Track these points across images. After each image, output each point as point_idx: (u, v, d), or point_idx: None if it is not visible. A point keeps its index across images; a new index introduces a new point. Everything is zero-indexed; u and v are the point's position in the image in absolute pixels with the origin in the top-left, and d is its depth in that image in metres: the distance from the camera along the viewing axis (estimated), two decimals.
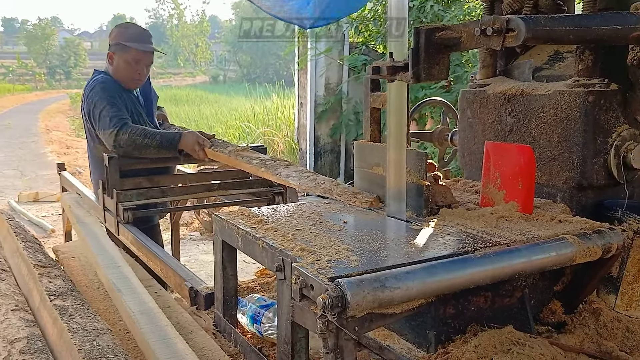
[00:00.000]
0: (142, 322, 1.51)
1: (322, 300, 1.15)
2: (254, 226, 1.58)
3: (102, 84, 2.93)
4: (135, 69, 2.97)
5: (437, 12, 6.19)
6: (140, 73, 3.00)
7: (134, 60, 2.96)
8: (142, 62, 2.99)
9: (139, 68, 2.98)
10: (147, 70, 3.06)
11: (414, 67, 1.47)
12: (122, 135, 2.69)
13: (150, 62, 3.07)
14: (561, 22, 1.42)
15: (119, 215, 2.48)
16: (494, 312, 1.54)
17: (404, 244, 1.45)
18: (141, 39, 3.02)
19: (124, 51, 2.95)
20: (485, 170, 1.71)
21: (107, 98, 2.84)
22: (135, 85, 3.06)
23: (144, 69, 3.02)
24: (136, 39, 2.99)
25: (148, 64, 3.06)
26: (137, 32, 3.07)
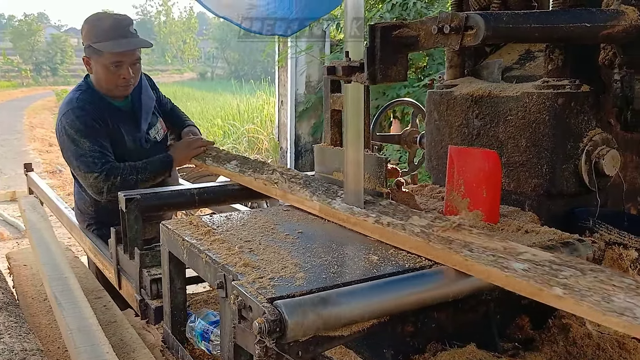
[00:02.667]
0: (77, 340, 1.41)
1: (258, 325, 1.04)
2: (200, 238, 1.47)
3: (79, 109, 2.40)
4: (117, 73, 2.42)
5: (420, 10, 6.10)
6: (126, 77, 2.44)
7: (113, 64, 2.40)
8: (123, 63, 2.42)
9: (122, 72, 2.42)
10: (134, 70, 2.47)
11: (370, 68, 1.36)
12: (113, 179, 2.25)
13: (136, 59, 2.47)
14: (526, 19, 1.32)
15: (143, 287, 1.82)
16: (456, 328, 1.44)
17: (359, 258, 1.35)
18: (117, 33, 2.41)
19: (98, 55, 2.41)
20: (449, 176, 1.61)
21: (84, 130, 2.34)
22: (123, 92, 2.50)
23: (128, 70, 2.43)
24: (110, 36, 2.40)
25: (133, 62, 2.46)
26: (110, 25, 2.43)
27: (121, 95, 2.51)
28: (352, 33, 1.51)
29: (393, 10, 6.20)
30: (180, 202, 1.98)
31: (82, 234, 2.52)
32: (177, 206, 1.97)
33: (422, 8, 6.08)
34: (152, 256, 1.82)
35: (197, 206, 1.99)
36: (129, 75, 2.43)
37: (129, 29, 2.46)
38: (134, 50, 2.45)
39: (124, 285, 2.00)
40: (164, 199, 1.97)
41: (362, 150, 1.52)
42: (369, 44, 1.37)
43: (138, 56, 2.49)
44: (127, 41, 2.43)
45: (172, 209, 1.99)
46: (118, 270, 2.02)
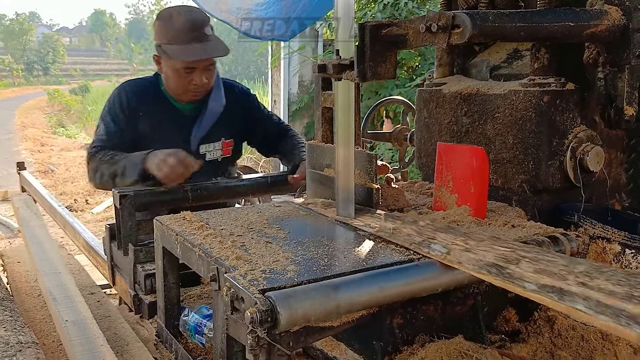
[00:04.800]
0: (72, 332, 1.43)
1: (249, 315, 1.07)
2: (193, 232, 1.49)
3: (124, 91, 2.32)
4: (187, 78, 2.24)
5: (412, 9, 6.14)
6: (197, 83, 2.24)
7: (184, 69, 2.22)
8: (196, 69, 2.23)
9: (194, 77, 2.24)
10: (209, 76, 2.27)
11: (360, 66, 1.40)
12: (91, 163, 2.16)
13: (209, 64, 2.26)
14: (511, 19, 1.36)
15: (137, 283, 1.84)
16: (444, 321, 1.47)
17: (349, 251, 1.38)
18: (190, 36, 2.19)
19: (168, 57, 2.23)
20: (437, 172, 1.64)
21: (111, 112, 2.27)
22: (194, 98, 2.32)
23: (201, 77, 2.24)
24: (183, 39, 2.18)
25: (208, 67, 2.25)
26: (184, 26, 2.20)
27: (192, 100, 2.33)
28: (342, 34, 1.54)
29: (385, 10, 6.24)
30: (174, 199, 2.00)
31: (75, 231, 2.54)
32: (170, 203, 1.99)
33: (413, 8, 6.12)
34: (146, 252, 1.84)
35: (190, 203, 2.01)
36: (201, 81, 2.24)
37: (204, 30, 2.23)
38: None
39: (118, 281, 2.02)
40: (158, 196, 1.99)
41: (353, 147, 1.55)
42: (359, 42, 1.40)
43: (213, 61, 2.28)
44: (202, 48, 2.20)
45: (166, 206, 2.01)
46: (112, 266, 2.05)
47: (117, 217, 1.92)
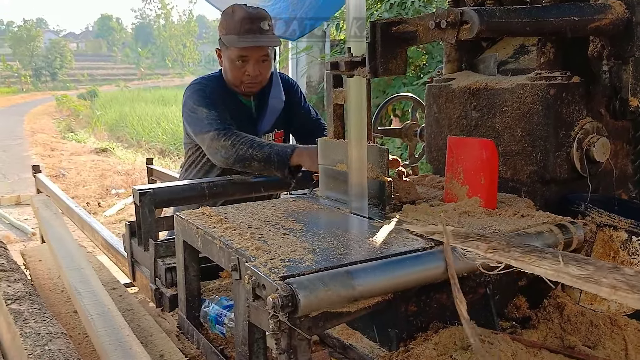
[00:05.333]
0: (98, 324, 1.48)
1: (272, 300, 1.12)
2: (213, 226, 1.55)
3: (200, 85, 2.48)
4: (242, 69, 2.40)
5: (418, 8, 6.18)
6: (250, 73, 2.40)
7: (238, 57, 2.38)
8: (249, 59, 2.39)
9: (247, 67, 2.39)
10: (262, 68, 2.42)
11: (371, 62, 1.45)
12: (223, 141, 2.22)
13: (263, 55, 2.40)
14: (517, 14, 1.41)
15: (157, 277, 1.91)
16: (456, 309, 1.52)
17: (363, 241, 1.43)
18: (245, 28, 2.35)
19: (226, 48, 2.41)
20: (448, 165, 1.69)
21: (203, 100, 2.39)
22: (249, 90, 2.48)
23: (254, 68, 2.40)
24: (239, 30, 2.36)
25: (261, 59, 2.41)
26: (241, 18, 2.37)
27: (248, 92, 2.48)
28: (354, 32, 1.59)
29: (391, 9, 6.28)
30: (191, 196, 2.06)
31: (94, 230, 2.61)
32: (188, 200, 2.05)
33: (420, 7, 6.16)
34: (165, 247, 1.90)
35: (207, 199, 2.07)
36: (253, 72, 2.39)
37: (260, 24, 2.37)
38: (261, 47, 2.38)
39: (138, 277, 2.08)
40: (176, 193, 2.05)
41: (365, 141, 1.60)
42: (370, 39, 1.45)
43: (266, 52, 2.41)
44: (254, 37, 2.35)
45: (184, 202, 2.06)
46: (132, 262, 2.11)
47: (137, 214, 1.98)
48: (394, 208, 1.64)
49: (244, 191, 2.23)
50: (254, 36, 2.36)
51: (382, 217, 1.60)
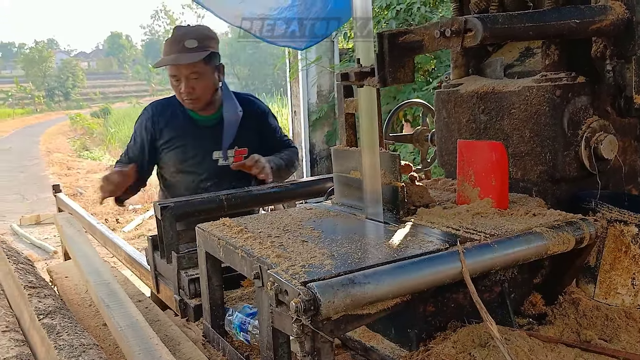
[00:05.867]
0: (128, 335, 1.54)
1: (294, 305, 1.17)
2: (234, 236, 1.60)
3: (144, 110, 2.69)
4: (177, 87, 2.53)
5: (425, 14, 6.23)
6: (183, 90, 2.51)
7: (170, 77, 2.54)
8: (180, 76, 2.51)
9: (181, 85, 2.51)
10: (195, 85, 2.51)
11: (380, 72, 1.50)
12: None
13: (192, 72, 2.49)
14: (520, 19, 1.45)
15: (181, 288, 1.96)
16: (474, 307, 1.55)
17: (380, 245, 1.47)
18: (173, 47, 2.49)
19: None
20: (459, 168, 1.73)
21: (135, 129, 2.67)
22: (191, 106, 2.59)
23: (186, 85, 2.50)
24: (166, 51, 2.52)
25: (191, 76, 2.50)
26: (169, 40, 2.55)
27: (192, 108, 2.61)
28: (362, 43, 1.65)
29: (398, 16, 6.33)
30: (211, 208, 2.12)
31: (116, 245, 2.67)
32: (208, 212, 2.11)
33: (426, 12, 6.20)
34: (188, 258, 1.96)
35: (226, 211, 2.13)
36: (185, 89, 2.50)
37: (184, 43, 2.48)
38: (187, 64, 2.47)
39: (162, 289, 2.14)
40: (196, 206, 2.11)
41: (378, 149, 1.65)
42: (378, 50, 1.50)
43: (196, 69, 2.49)
44: (175, 56, 2.48)
45: (204, 215, 2.12)
46: (155, 275, 2.17)
47: (158, 228, 2.04)
48: (408, 212, 1.69)
49: (261, 202, 2.29)
50: (176, 55, 2.48)
51: (397, 221, 1.65)
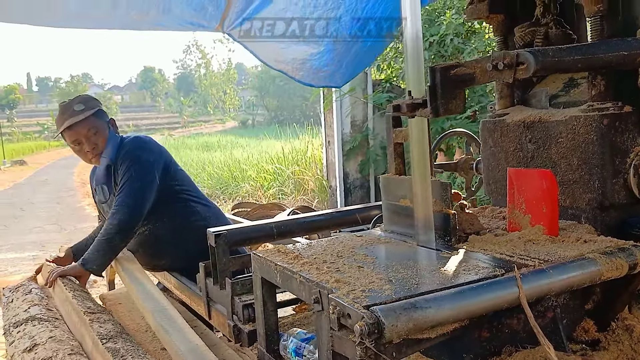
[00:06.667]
0: (190, 359, 1.59)
1: (359, 328, 1.21)
2: (290, 262, 1.66)
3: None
4: (80, 150, 2.84)
5: (457, 45, 6.30)
6: (88, 149, 2.81)
7: (71, 142, 2.82)
8: (79, 138, 2.79)
9: (82, 147, 2.81)
10: (95, 140, 2.80)
11: (432, 103, 1.55)
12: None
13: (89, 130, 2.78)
14: (569, 52, 1.50)
15: (235, 313, 2.00)
16: (527, 333, 1.58)
17: (435, 271, 1.51)
18: (65, 115, 2.78)
19: (65, 140, 2.86)
20: (509, 196, 1.77)
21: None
22: (97, 163, 2.88)
23: (86, 144, 2.79)
24: (61, 121, 2.80)
25: (88, 133, 2.78)
26: (60, 111, 2.84)
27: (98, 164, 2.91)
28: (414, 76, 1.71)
29: (431, 47, 6.42)
30: (261, 236, 2.19)
31: (166, 273, 2.75)
32: (258, 239, 2.18)
33: (459, 44, 6.28)
34: (241, 284, 2.01)
35: (275, 239, 2.19)
36: (89, 147, 2.79)
37: (73, 108, 2.76)
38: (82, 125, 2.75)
39: (214, 315, 2.19)
40: (247, 233, 2.18)
41: (429, 177, 1.70)
42: (430, 82, 1.56)
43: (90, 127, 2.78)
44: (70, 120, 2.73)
45: (254, 241, 2.19)
46: (207, 301, 2.23)
47: (212, 255, 2.10)
48: (459, 239, 1.73)
49: (309, 229, 2.34)
50: (71, 120, 2.72)
51: (449, 248, 1.69)
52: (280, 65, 3.86)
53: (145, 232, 2.81)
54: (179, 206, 2.86)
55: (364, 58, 4.12)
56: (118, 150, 2.83)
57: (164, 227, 2.82)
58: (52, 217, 12.37)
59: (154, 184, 2.73)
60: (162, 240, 2.81)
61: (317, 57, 3.72)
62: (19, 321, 2.14)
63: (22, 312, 2.24)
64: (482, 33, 6.56)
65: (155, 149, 2.87)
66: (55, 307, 2.39)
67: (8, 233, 10.46)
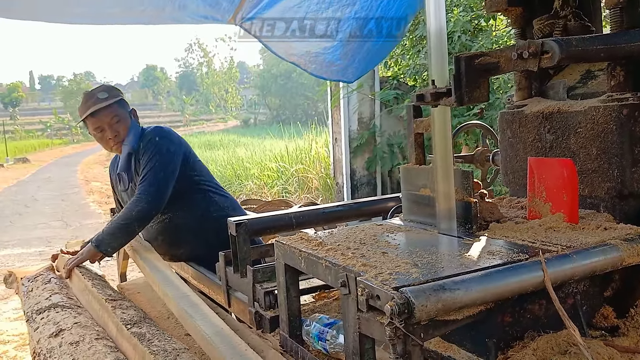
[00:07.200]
0: (217, 342, 1.62)
1: (389, 308, 1.24)
2: (314, 248, 1.69)
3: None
4: (102, 137, 2.90)
5: (465, 42, 6.33)
6: (110, 136, 2.88)
7: (94, 129, 2.89)
8: (102, 125, 2.87)
9: (104, 134, 2.88)
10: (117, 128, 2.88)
11: (457, 92, 1.58)
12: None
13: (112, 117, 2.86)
14: (592, 42, 1.53)
15: (256, 300, 2.04)
16: (548, 318, 1.61)
17: (460, 256, 1.54)
18: (88, 103, 2.86)
19: (86, 127, 2.96)
20: (530, 185, 1.80)
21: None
22: (118, 151, 2.96)
23: (109, 131, 2.87)
24: (84, 108, 2.87)
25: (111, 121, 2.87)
26: (84, 99, 2.92)
27: (119, 152, 2.99)
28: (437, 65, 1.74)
29: None
30: (280, 225, 2.22)
31: (183, 264, 2.78)
32: (278, 229, 2.20)
33: (466, 41, 6.30)
34: (262, 272, 2.04)
35: (294, 228, 2.22)
36: (111, 135, 2.88)
37: (97, 96, 2.86)
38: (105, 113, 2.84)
39: (234, 303, 2.22)
40: (267, 223, 2.21)
41: (451, 166, 1.73)
42: (454, 71, 1.59)
43: (114, 115, 2.86)
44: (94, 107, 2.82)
45: (274, 231, 2.22)
46: (227, 289, 2.26)
47: (232, 244, 2.13)
48: (480, 227, 1.75)
49: (328, 220, 2.37)
50: (95, 107, 2.82)
51: (471, 235, 1.72)
52: (293, 58, 3.88)
53: (165, 220, 2.86)
54: (199, 197, 2.90)
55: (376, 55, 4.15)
56: (139, 139, 2.89)
57: (184, 217, 2.85)
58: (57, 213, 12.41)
59: (175, 174, 2.78)
60: (182, 229, 2.85)
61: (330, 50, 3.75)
62: (41, 308, 2.17)
63: (43, 300, 2.27)
64: (489, 30, 6.59)
65: (176, 139, 2.92)
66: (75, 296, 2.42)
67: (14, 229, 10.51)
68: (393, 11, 3.65)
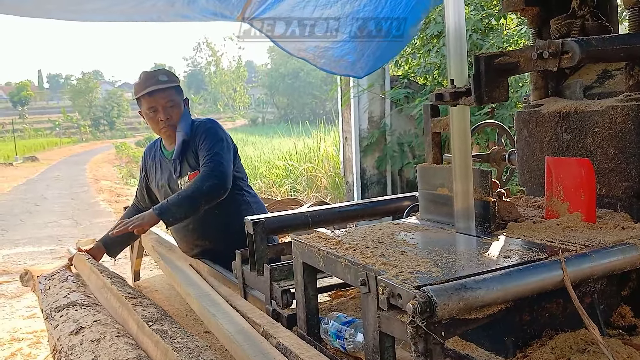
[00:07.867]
0: (239, 340, 1.64)
1: (411, 306, 1.25)
2: (333, 247, 1.70)
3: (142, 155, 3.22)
4: (154, 117, 2.90)
5: (476, 41, 6.32)
6: (162, 117, 2.89)
7: (148, 109, 2.89)
8: (156, 106, 2.88)
9: (156, 115, 2.89)
10: (170, 112, 2.90)
11: (476, 91, 1.59)
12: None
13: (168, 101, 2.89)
14: (611, 42, 1.54)
15: (273, 299, 2.04)
16: (566, 317, 1.62)
17: (479, 255, 1.55)
18: (148, 82, 2.89)
19: (140, 106, 2.95)
20: (547, 184, 1.81)
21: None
22: (166, 134, 2.95)
23: (162, 113, 2.88)
24: (142, 86, 2.89)
25: (168, 104, 2.89)
26: (144, 77, 2.93)
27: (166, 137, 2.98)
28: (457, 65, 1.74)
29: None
30: (297, 224, 2.23)
31: (198, 261, 2.80)
32: (294, 228, 2.22)
33: (477, 40, 6.30)
34: (279, 270, 2.06)
35: (310, 227, 2.24)
36: (163, 117, 2.88)
37: (157, 78, 2.90)
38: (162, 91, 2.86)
39: (251, 301, 2.24)
40: (283, 222, 2.22)
41: (470, 165, 1.74)
42: (474, 71, 1.60)
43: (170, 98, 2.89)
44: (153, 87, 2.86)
45: (290, 230, 2.23)
46: (244, 287, 2.28)
47: (249, 242, 2.15)
48: (498, 226, 1.76)
49: (344, 219, 2.38)
50: (153, 87, 2.86)
51: (489, 234, 1.73)
52: (302, 53, 3.89)
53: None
54: (237, 194, 2.92)
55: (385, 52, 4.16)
56: (192, 128, 2.92)
57: (219, 210, 2.84)
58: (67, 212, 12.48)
59: (232, 163, 2.86)
60: (213, 223, 2.86)
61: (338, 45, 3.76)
62: (60, 306, 2.19)
63: (62, 298, 2.29)
64: (500, 29, 6.58)
65: (228, 134, 2.98)
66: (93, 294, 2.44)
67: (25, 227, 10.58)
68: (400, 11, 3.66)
